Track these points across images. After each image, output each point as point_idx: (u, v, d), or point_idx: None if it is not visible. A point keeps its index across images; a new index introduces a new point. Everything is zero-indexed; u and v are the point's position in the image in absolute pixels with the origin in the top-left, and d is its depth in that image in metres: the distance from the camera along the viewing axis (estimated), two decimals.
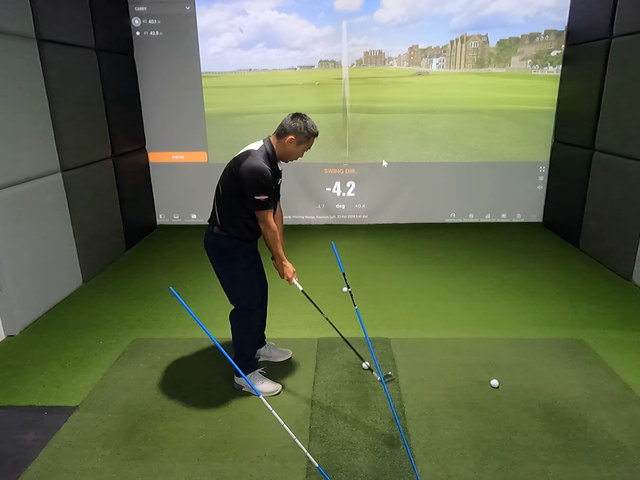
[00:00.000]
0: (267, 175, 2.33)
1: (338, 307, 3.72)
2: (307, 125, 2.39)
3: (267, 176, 2.33)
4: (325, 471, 2.06)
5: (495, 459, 2.22)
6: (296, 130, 2.39)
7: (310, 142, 2.47)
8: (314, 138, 2.46)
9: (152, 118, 5.67)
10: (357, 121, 5.71)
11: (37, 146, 3.64)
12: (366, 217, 6.00)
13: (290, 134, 2.39)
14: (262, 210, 2.39)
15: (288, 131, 2.39)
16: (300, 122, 2.39)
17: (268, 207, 2.39)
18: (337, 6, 5.44)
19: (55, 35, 3.84)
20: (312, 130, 2.42)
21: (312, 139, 2.46)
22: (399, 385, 2.76)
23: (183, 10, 5.39)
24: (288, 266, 2.57)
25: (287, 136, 2.40)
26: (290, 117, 2.41)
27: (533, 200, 5.87)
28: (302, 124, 2.38)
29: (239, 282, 2.57)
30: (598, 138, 4.60)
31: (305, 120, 2.40)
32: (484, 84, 5.65)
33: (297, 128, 2.38)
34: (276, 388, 2.72)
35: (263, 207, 2.38)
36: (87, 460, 2.25)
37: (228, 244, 2.51)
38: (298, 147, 2.44)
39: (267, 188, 2.35)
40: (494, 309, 3.71)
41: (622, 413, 2.51)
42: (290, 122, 2.39)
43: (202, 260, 4.73)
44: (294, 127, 2.38)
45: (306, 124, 2.39)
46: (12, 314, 3.38)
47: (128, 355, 3.13)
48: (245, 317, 2.62)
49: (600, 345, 3.16)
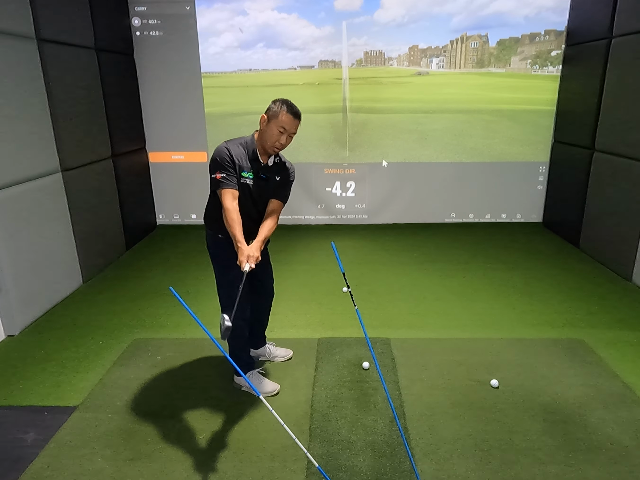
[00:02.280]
0: (222, 153, 2.31)
1: (338, 307, 3.72)
2: (279, 103, 2.32)
3: (221, 154, 2.31)
4: (325, 471, 2.06)
5: (495, 459, 2.22)
6: (268, 108, 2.35)
7: (281, 118, 2.29)
8: (286, 114, 2.29)
9: (152, 118, 5.67)
10: (357, 121, 5.71)
11: (37, 146, 3.64)
12: (366, 217, 6.00)
13: (263, 114, 2.36)
14: (218, 189, 2.35)
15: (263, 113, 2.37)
16: (274, 101, 2.35)
17: (224, 185, 2.32)
18: (337, 6, 5.44)
19: (55, 35, 3.83)
20: (283, 107, 2.30)
21: (283, 114, 2.29)
22: (399, 385, 2.76)
23: (183, 10, 5.39)
24: (243, 248, 2.26)
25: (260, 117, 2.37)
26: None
27: (533, 200, 5.87)
28: (274, 102, 2.34)
29: (220, 282, 2.57)
30: (598, 138, 4.60)
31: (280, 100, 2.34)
32: (484, 84, 5.65)
33: (269, 106, 2.35)
34: (275, 388, 2.72)
35: (217, 185, 2.34)
36: (87, 460, 2.25)
37: (211, 240, 2.55)
38: (269, 125, 2.33)
39: (222, 166, 2.32)
40: (494, 309, 3.71)
41: (622, 413, 2.51)
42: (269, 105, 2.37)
43: (202, 260, 4.77)
44: (268, 107, 2.36)
45: (279, 102, 2.33)
46: (12, 314, 3.38)
47: (128, 355, 3.13)
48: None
49: (600, 345, 3.16)
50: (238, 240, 2.27)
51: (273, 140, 2.34)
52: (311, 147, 5.74)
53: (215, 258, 2.57)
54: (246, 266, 2.24)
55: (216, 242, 2.53)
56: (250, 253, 2.25)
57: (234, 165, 2.35)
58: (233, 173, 2.35)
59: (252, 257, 2.24)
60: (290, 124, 2.32)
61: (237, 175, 2.37)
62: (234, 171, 2.35)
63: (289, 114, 2.30)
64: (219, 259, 2.55)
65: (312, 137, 5.69)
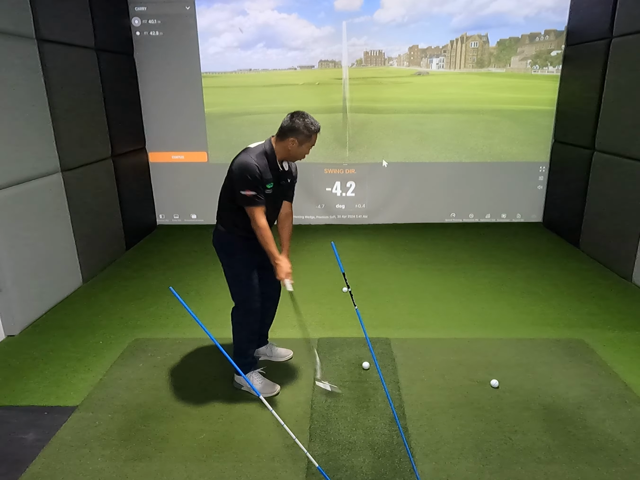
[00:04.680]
0: (253, 171, 2.32)
1: (338, 307, 3.72)
2: (306, 124, 2.36)
3: (252, 172, 2.32)
4: (325, 471, 2.06)
5: (495, 459, 2.22)
6: (296, 131, 2.37)
7: (313, 139, 2.42)
8: (315, 135, 2.42)
9: (152, 118, 5.67)
10: (357, 121, 5.70)
11: (37, 146, 3.64)
12: (366, 217, 6.00)
13: (291, 136, 2.37)
14: (248, 207, 2.38)
15: (288, 134, 2.38)
16: (298, 122, 2.36)
17: (255, 203, 2.36)
18: (337, 6, 5.44)
19: (55, 35, 3.83)
20: (311, 128, 2.38)
21: (314, 135, 2.41)
22: (399, 385, 2.76)
23: (183, 10, 5.39)
24: (281, 265, 2.46)
25: (288, 138, 2.38)
26: (289, 118, 2.38)
27: (533, 200, 5.87)
28: (300, 123, 2.35)
29: (236, 280, 2.58)
30: (598, 138, 4.60)
31: (304, 119, 2.36)
32: (484, 84, 5.65)
33: (297, 129, 2.36)
34: (274, 389, 2.71)
35: (249, 203, 2.36)
36: (87, 460, 2.25)
37: (227, 240, 2.55)
38: (301, 147, 2.41)
39: (253, 184, 2.33)
40: (494, 309, 3.71)
41: (622, 413, 2.51)
42: (290, 123, 2.37)
43: (202, 260, 4.78)
44: (294, 128, 2.36)
45: (305, 122, 2.36)
46: (12, 314, 3.38)
47: (128, 355, 3.13)
48: (243, 316, 2.63)
49: (600, 345, 3.16)
50: (276, 257, 2.45)
51: (302, 156, 2.48)
52: (315, 145, 5.73)
53: (231, 255, 2.56)
54: (288, 285, 2.46)
55: (232, 240, 2.54)
56: (289, 270, 2.47)
57: (262, 182, 2.38)
58: (262, 190, 2.39)
59: (290, 273, 2.47)
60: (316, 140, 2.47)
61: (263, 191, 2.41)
62: (262, 188, 2.39)
63: (317, 133, 2.43)
64: (237, 255, 2.55)
65: None
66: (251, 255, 2.57)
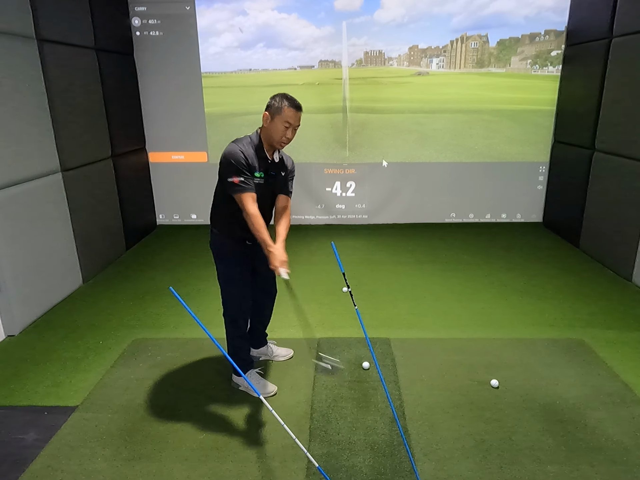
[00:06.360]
0: (237, 157, 2.29)
1: (338, 307, 3.72)
2: (279, 98, 2.33)
3: (236, 157, 2.29)
4: (325, 471, 2.06)
5: (495, 459, 2.22)
6: (269, 105, 2.36)
7: (285, 113, 2.31)
8: (289, 109, 2.32)
9: (152, 118, 5.67)
10: (357, 121, 5.70)
11: (37, 146, 3.64)
12: (366, 217, 6.00)
13: (265, 111, 2.37)
14: (237, 194, 2.32)
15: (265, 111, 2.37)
16: (273, 97, 2.36)
17: (243, 189, 2.31)
18: (337, 6, 5.44)
19: (55, 35, 3.83)
20: (284, 101, 2.31)
21: (287, 109, 2.31)
22: (399, 385, 2.76)
23: (183, 10, 5.39)
24: (275, 253, 2.29)
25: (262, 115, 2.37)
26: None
27: (533, 200, 5.87)
28: (274, 98, 2.35)
29: (225, 282, 2.57)
30: (598, 138, 4.60)
31: (280, 95, 2.35)
32: (484, 84, 5.65)
33: (270, 103, 2.35)
34: (271, 390, 2.71)
35: (236, 189, 2.31)
36: (87, 460, 2.25)
37: (218, 241, 2.54)
38: (273, 121, 2.34)
39: (239, 170, 2.29)
40: (494, 309, 3.71)
41: (622, 413, 2.51)
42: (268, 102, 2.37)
43: (202, 260, 4.78)
44: (268, 104, 2.36)
45: (279, 97, 2.34)
46: (12, 314, 3.38)
47: (128, 355, 3.13)
48: (229, 317, 2.62)
49: (600, 345, 3.16)
50: (268, 244, 2.30)
51: (279, 136, 2.35)
52: (311, 147, 5.74)
53: (221, 257, 2.56)
54: (283, 272, 2.26)
55: (223, 241, 2.53)
56: (283, 258, 2.29)
57: (249, 168, 2.33)
58: (250, 176, 2.33)
59: (285, 261, 2.29)
60: (294, 117, 2.34)
61: (252, 177, 2.36)
62: (250, 174, 2.34)
63: (292, 108, 2.33)
64: (227, 257, 2.54)
65: (312, 137, 5.68)
66: (243, 258, 2.53)
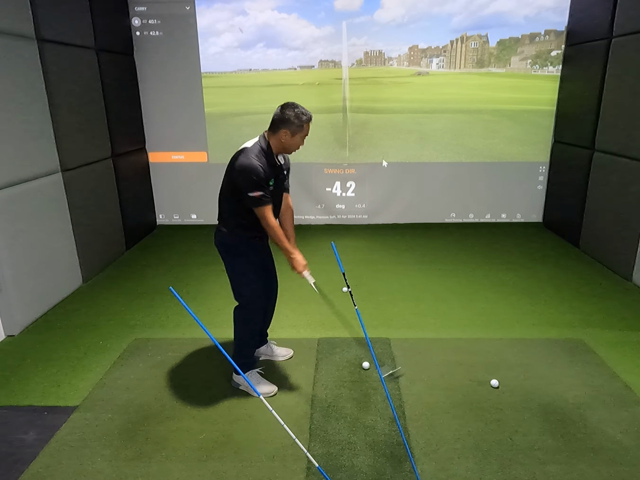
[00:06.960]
0: (258, 172, 2.32)
1: (338, 307, 3.72)
2: (297, 114, 2.35)
3: (257, 172, 2.32)
4: (325, 471, 2.06)
5: (495, 459, 2.22)
6: (288, 122, 2.36)
7: (305, 129, 2.41)
8: (308, 124, 2.40)
9: (152, 118, 5.67)
10: (357, 121, 5.70)
11: (37, 146, 3.64)
12: (366, 217, 6.00)
13: (283, 128, 2.37)
14: (258, 207, 2.38)
15: (280, 126, 2.38)
16: (289, 113, 2.35)
17: (263, 203, 2.37)
18: (337, 6, 5.44)
19: (55, 35, 3.83)
20: (303, 118, 2.37)
21: (306, 125, 2.40)
22: (399, 385, 2.76)
23: (183, 10, 5.39)
24: (297, 259, 2.49)
25: (280, 130, 2.38)
26: (280, 110, 2.38)
27: (533, 200, 5.87)
28: (291, 114, 2.35)
29: (241, 280, 2.58)
30: (598, 138, 4.60)
31: (294, 110, 2.36)
32: (484, 84, 5.65)
33: (288, 120, 2.36)
34: (271, 390, 2.71)
35: (258, 203, 2.37)
36: (87, 460, 2.25)
37: (230, 241, 2.55)
38: (294, 137, 2.40)
39: (259, 184, 2.33)
40: (494, 309, 3.71)
41: (622, 413, 2.51)
42: (281, 115, 2.37)
43: (202, 260, 4.78)
44: (285, 119, 2.36)
45: (295, 113, 2.35)
46: (12, 314, 3.38)
47: (128, 355, 3.13)
48: (246, 315, 2.64)
49: (600, 345, 3.16)
50: (291, 252, 2.49)
51: (297, 147, 2.48)
52: (311, 147, 5.73)
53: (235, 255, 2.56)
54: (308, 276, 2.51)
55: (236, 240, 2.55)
56: (305, 262, 2.51)
57: (267, 180, 2.39)
58: (267, 188, 2.39)
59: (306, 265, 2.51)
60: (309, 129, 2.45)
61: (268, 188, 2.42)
62: (267, 186, 2.40)
63: (309, 122, 2.42)
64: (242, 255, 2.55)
65: (312, 137, 5.55)
66: (256, 256, 2.59)
